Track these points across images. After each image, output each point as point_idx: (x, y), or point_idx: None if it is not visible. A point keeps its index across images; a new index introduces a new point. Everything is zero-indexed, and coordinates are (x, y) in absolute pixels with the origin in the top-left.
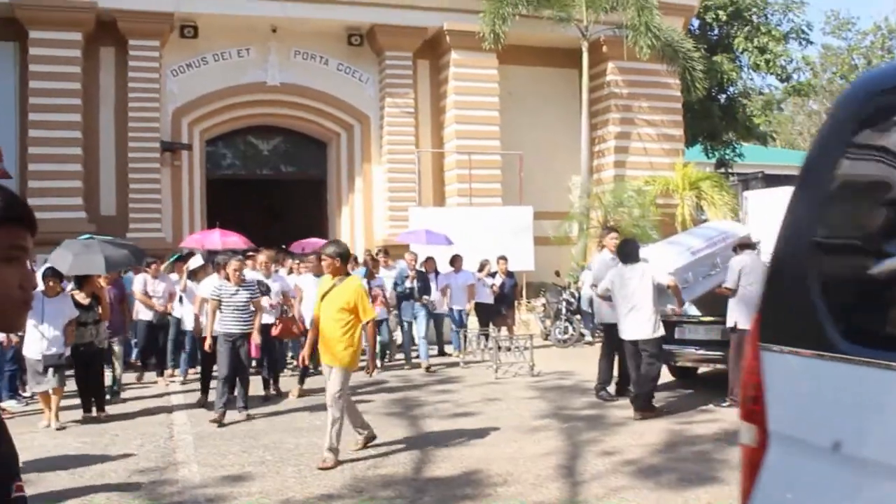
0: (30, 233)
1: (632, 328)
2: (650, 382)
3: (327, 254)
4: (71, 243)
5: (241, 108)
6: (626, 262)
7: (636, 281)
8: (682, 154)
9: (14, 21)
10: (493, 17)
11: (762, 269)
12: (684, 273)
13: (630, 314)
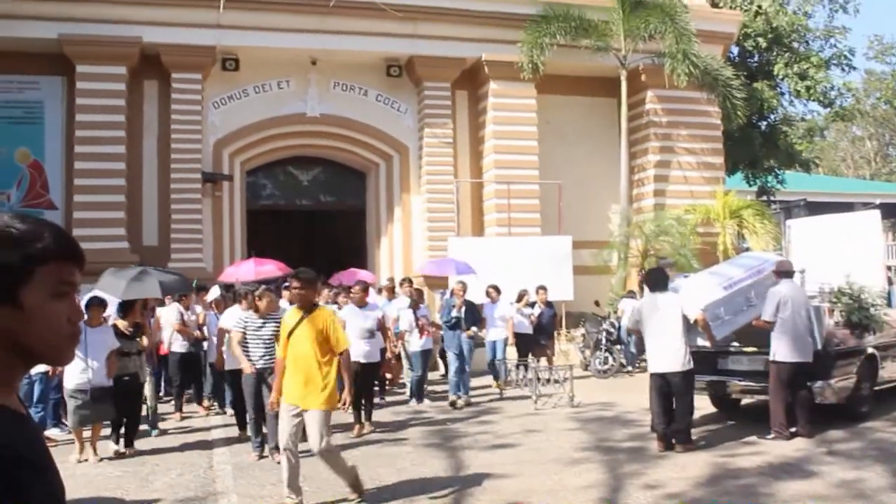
0: (78, 268)
1: (659, 360)
2: (686, 417)
3: (301, 280)
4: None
5: (281, 139)
6: (654, 290)
7: (664, 311)
8: (722, 182)
9: (62, 56)
10: (532, 47)
11: (803, 299)
12: (716, 308)
13: (658, 346)
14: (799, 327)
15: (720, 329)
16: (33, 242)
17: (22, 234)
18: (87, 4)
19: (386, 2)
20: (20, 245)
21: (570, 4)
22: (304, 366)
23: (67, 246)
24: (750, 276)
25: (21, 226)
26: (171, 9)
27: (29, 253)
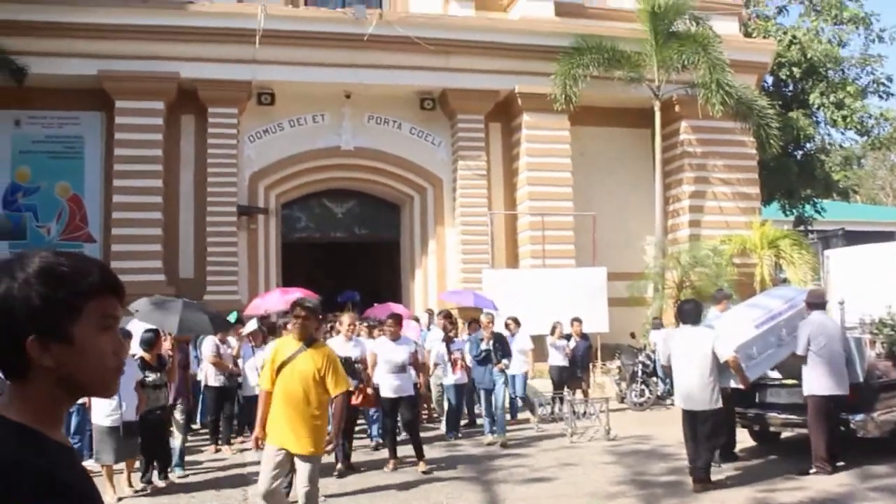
0: (120, 302)
1: (688, 397)
2: (707, 454)
3: (304, 308)
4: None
5: (316, 172)
6: (685, 322)
7: (694, 346)
8: (758, 212)
9: (101, 92)
10: (565, 78)
11: (837, 330)
12: (748, 349)
13: (685, 382)
14: (833, 359)
15: (753, 370)
16: (83, 279)
17: (72, 271)
18: (126, 42)
19: (419, 35)
20: (71, 282)
21: (603, 36)
22: (295, 404)
23: (112, 280)
24: (782, 313)
25: (70, 263)
26: (208, 45)
27: (80, 289)
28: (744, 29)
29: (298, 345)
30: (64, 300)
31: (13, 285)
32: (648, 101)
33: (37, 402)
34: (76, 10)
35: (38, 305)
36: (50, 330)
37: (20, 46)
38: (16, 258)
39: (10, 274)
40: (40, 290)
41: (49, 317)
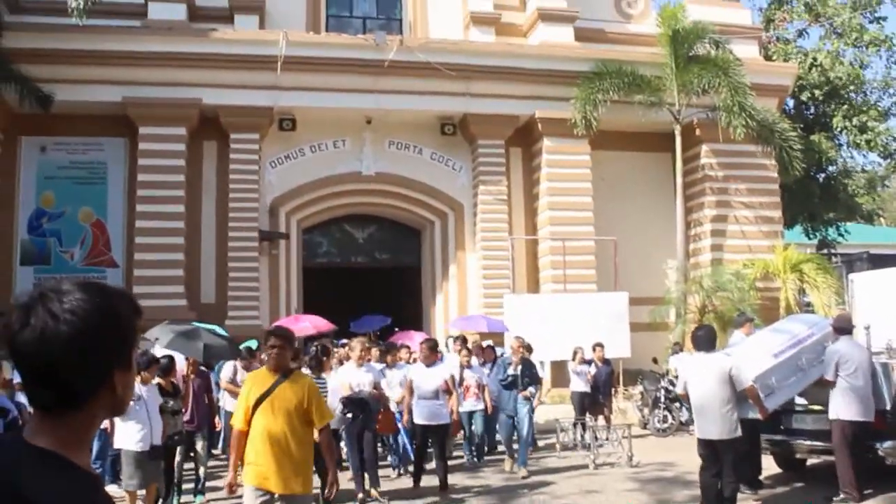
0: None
1: (705, 426)
2: (732, 486)
3: (279, 338)
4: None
5: (337, 197)
6: (699, 349)
7: (711, 373)
8: (781, 236)
9: (125, 118)
10: (585, 103)
11: (864, 355)
12: (767, 378)
13: (703, 410)
14: (860, 385)
15: (772, 400)
16: (137, 310)
17: (129, 305)
18: (150, 68)
19: (439, 61)
20: (132, 315)
21: (623, 61)
22: (277, 441)
23: (139, 308)
24: (801, 341)
25: (121, 298)
26: (230, 71)
27: (136, 320)
28: (764, 52)
29: (274, 377)
30: (131, 332)
31: (97, 318)
32: (669, 125)
33: (76, 430)
34: (101, 38)
35: (128, 335)
36: (126, 358)
37: (47, 74)
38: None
39: (92, 306)
40: (126, 322)
41: (129, 346)
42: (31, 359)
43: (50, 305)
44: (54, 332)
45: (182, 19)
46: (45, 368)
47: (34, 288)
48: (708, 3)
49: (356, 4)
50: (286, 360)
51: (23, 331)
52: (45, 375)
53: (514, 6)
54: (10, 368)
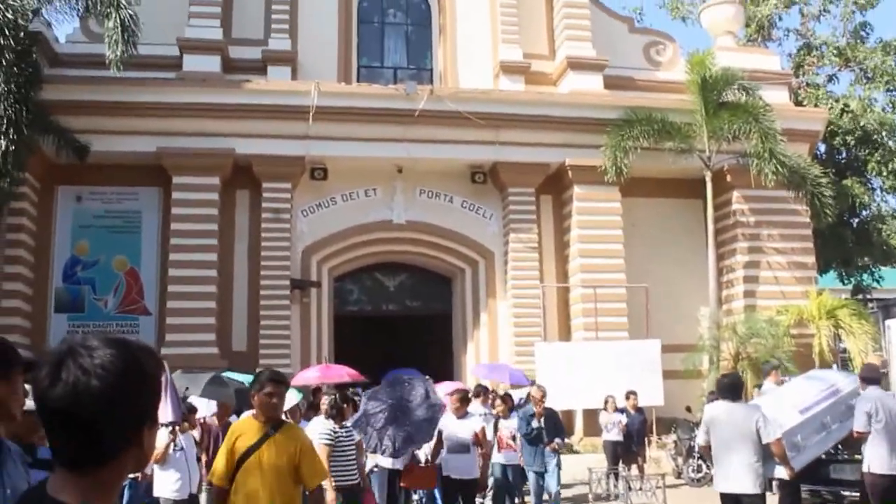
0: None
1: (728, 479)
2: None
3: (278, 384)
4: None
5: (368, 245)
6: (725, 398)
7: (736, 423)
8: (815, 282)
9: (160, 168)
10: (615, 150)
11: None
12: (793, 436)
13: (726, 462)
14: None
15: (798, 459)
16: (161, 366)
17: (156, 362)
18: (184, 119)
19: (470, 110)
20: (158, 371)
21: (653, 108)
22: (266, 502)
23: (163, 364)
24: (826, 398)
25: (148, 354)
26: (263, 121)
27: (161, 376)
28: (794, 97)
29: (262, 429)
30: (160, 384)
31: (128, 374)
32: (700, 172)
33: (101, 486)
34: (137, 90)
35: (156, 392)
36: (153, 414)
37: (84, 125)
38: (102, 343)
39: (122, 362)
40: (153, 379)
41: (156, 402)
42: (62, 413)
43: (81, 361)
44: (86, 386)
45: (216, 71)
46: (77, 423)
47: (62, 343)
48: (737, 50)
49: (387, 55)
50: (280, 411)
51: (54, 386)
52: (76, 430)
53: (544, 55)
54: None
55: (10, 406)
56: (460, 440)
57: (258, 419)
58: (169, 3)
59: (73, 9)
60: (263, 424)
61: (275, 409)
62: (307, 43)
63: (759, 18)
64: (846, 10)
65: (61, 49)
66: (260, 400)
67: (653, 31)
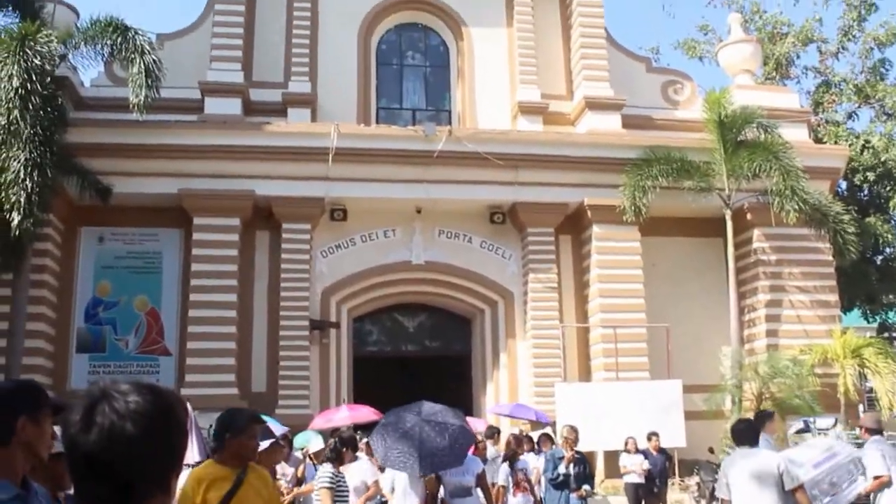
0: None
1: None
2: None
3: (258, 426)
4: None
5: (387, 286)
6: (741, 444)
7: (758, 469)
8: (839, 320)
9: (181, 209)
10: (634, 190)
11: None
12: (812, 488)
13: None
14: None
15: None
16: (187, 413)
17: (184, 409)
18: (206, 161)
19: (488, 151)
20: (186, 418)
21: (671, 147)
22: None
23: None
24: (827, 459)
25: (178, 402)
26: (283, 163)
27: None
28: (814, 135)
29: (232, 473)
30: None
31: (161, 420)
32: (719, 210)
33: None
34: (159, 132)
35: (185, 438)
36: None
37: (106, 167)
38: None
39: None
40: (183, 426)
41: (184, 448)
42: (93, 458)
43: (115, 405)
44: (121, 431)
45: (237, 113)
46: (108, 468)
47: (93, 386)
48: (755, 88)
49: (406, 97)
50: (254, 454)
51: (88, 430)
52: (106, 475)
53: (562, 95)
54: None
55: (37, 448)
56: (462, 483)
57: (225, 464)
58: (191, 48)
59: (98, 54)
60: (231, 469)
61: (255, 454)
62: (327, 85)
63: (776, 56)
64: (864, 47)
65: (86, 93)
66: (242, 445)
67: (670, 71)
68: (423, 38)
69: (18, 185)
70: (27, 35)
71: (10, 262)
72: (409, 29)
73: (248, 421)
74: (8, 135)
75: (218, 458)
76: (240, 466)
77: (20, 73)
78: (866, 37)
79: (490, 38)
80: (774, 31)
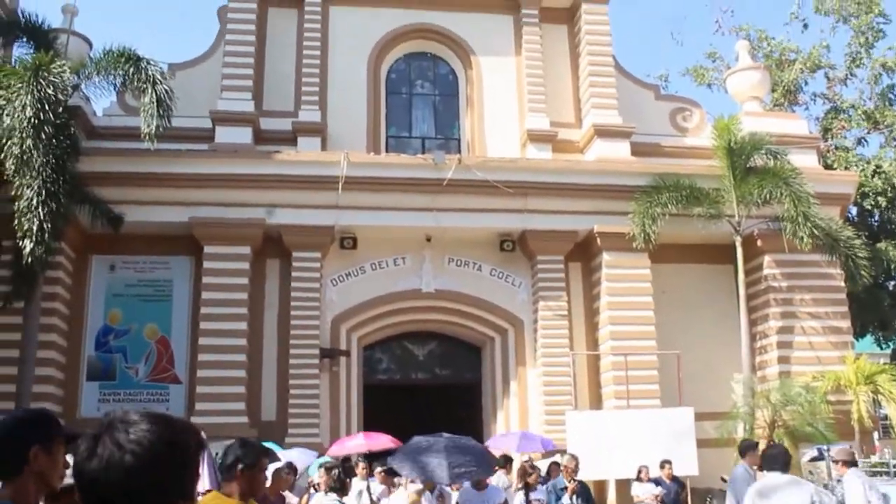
0: None
1: None
2: None
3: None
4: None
5: (397, 314)
6: (773, 469)
7: (789, 497)
8: (851, 346)
9: (191, 238)
10: (643, 217)
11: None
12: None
13: None
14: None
15: None
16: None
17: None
18: (216, 190)
19: (498, 179)
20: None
21: (680, 174)
22: None
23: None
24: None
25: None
26: (293, 191)
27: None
28: (823, 161)
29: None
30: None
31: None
32: (729, 237)
33: None
34: (170, 161)
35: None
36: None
37: (118, 196)
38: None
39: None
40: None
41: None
42: (96, 486)
43: (117, 436)
44: (119, 461)
45: (247, 142)
46: (110, 497)
47: (104, 417)
48: (763, 115)
49: (415, 125)
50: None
51: (90, 459)
52: (112, 502)
53: (570, 123)
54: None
55: (50, 478)
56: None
57: (232, 497)
58: (202, 77)
59: (110, 84)
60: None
61: (263, 488)
62: (336, 114)
63: (785, 83)
64: (872, 73)
65: (98, 122)
66: (252, 478)
67: (679, 98)
68: (432, 66)
69: (31, 214)
70: (41, 65)
71: (22, 290)
72: (418, 58)
73: (261, 455)
74: (21, 164)
75: (225, 489)
76: (246, 500)
77: (34, 102)
78: (874, 63)
79: (499, 66)
80: (782, 58)
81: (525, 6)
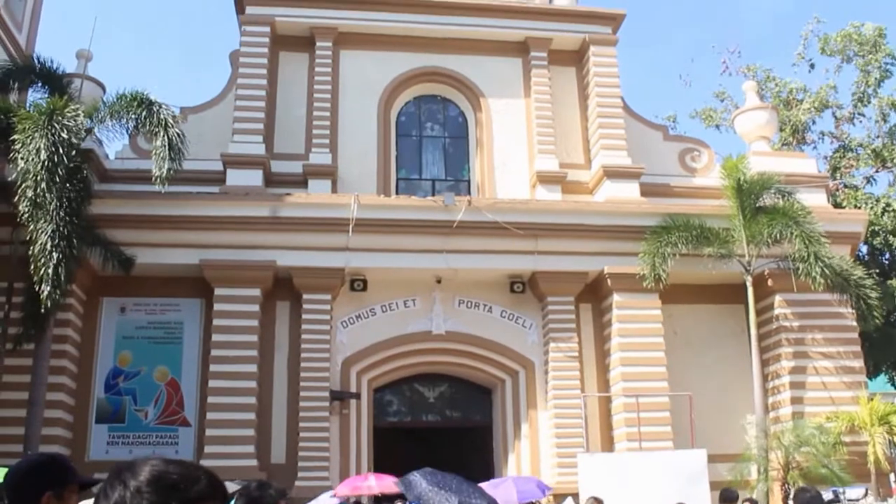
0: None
1: None
2: None
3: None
4: None
5: (408, 356)
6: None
7: None
8: (865, 386)
9: (202, 280)
10: (653, 257)
11: None
12: None
13: None
14: None
15: None
16: (192, 486)
17: (181, 478)
18: (227, 232)
19: (508, 220)
20: (182, 490)
21: (690, 214)
22: None
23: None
24: None
25: (180, 471)
26: (303, 234)
27: (188, 496)
28: (832, 199)
29: None
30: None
31: (125, 494)
32: (740, 277)
33: None
34: (181, 204)
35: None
36: None
37: (129, 238)
38: (127, 466)
39: (123, 482)
40: (152, 500)
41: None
42: None
43: (126, 480)
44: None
45: (258, 185)
46: None
47: (120, 464)
48: (772, 154)
49: (425, 167)
50: None
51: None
52: None
53: (580, 164)
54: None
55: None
56: None
57: None
58: (213, 121)
59: (123, 127)
60: None
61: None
62: (347, 156)
63: (792, 122)
64: (880, 112)
65: (110, 165)
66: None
67: (687, 139)
68: (441, 109)
69: (46, 258)
70: (55, 110)
71: (33, 332)
72: (427, 101)
73: (275, 498)
74: (35, 207)
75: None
76: None
77: (48, 146)
78: (881, 102)
79: (508, 108)
80: (790, 97)
81: (534, 49)
